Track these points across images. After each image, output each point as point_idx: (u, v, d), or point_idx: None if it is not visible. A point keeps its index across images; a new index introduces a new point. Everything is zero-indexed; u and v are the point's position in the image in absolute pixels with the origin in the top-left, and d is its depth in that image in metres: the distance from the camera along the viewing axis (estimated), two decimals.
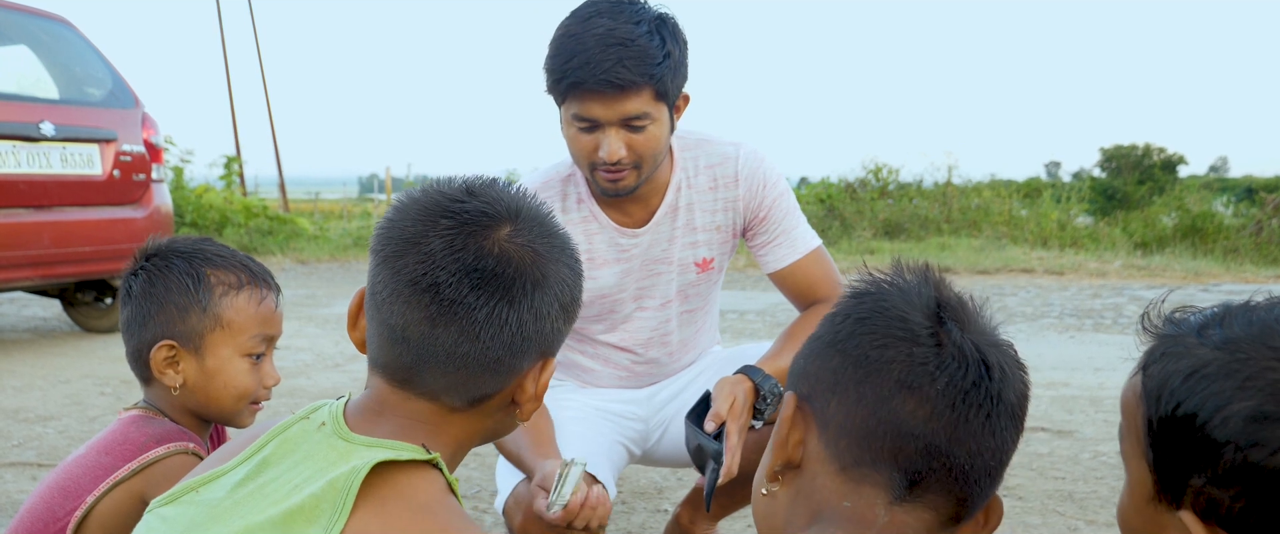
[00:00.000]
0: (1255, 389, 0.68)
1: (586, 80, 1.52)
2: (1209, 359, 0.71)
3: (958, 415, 0.76)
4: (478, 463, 2.90)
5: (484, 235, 0.86)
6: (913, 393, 0.77)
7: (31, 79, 4.92)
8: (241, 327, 1.32)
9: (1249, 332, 0.71)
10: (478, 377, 0.88)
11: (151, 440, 1.27)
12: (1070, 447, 2.99)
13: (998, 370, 0.78)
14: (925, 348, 0.77)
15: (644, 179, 1.65)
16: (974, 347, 0.78)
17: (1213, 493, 0.70)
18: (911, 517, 0.78)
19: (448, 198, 0.88)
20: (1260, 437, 0.68)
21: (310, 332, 5.22)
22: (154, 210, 5.09)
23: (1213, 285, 6.98)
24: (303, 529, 0.80)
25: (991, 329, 0.81)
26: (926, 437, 0.76)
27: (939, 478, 0.77)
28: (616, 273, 1.76)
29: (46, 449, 3.08)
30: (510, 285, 0.85)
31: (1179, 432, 0.71)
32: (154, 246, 1.36)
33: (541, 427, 1.66)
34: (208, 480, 0.90)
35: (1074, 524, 2.34)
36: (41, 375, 4.21)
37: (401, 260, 0.86)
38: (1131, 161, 29.65)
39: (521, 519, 1.63)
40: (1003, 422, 0.78)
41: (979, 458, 0.77)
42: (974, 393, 0.76)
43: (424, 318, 0.85)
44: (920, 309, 0.79)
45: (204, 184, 11.64)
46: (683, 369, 1.93)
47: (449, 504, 0.85)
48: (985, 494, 0.80)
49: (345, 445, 0.86)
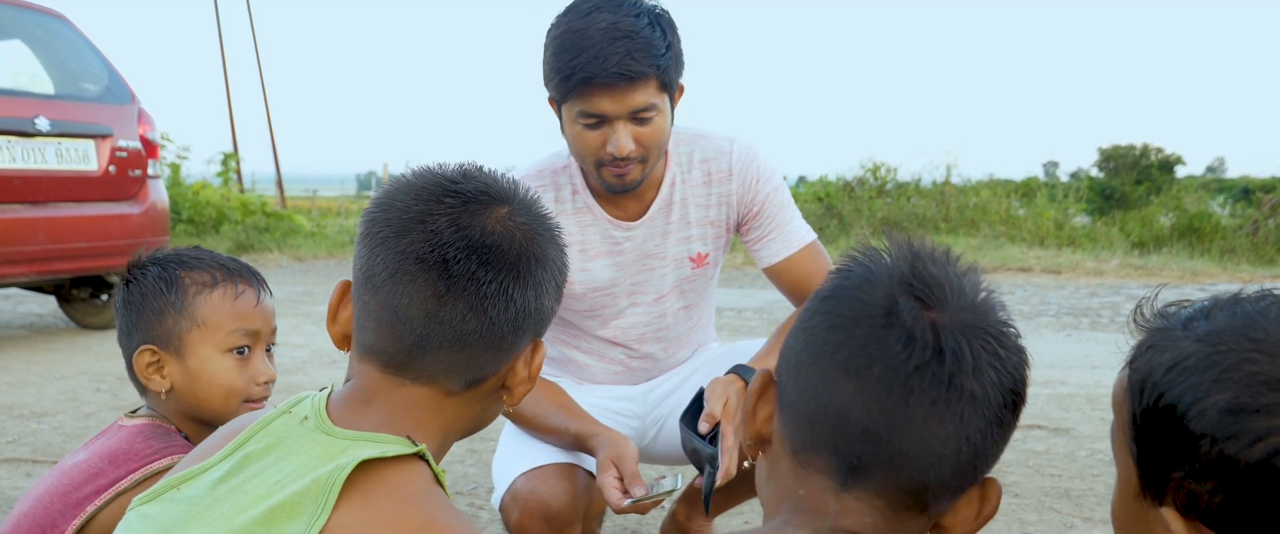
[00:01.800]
0: (1232, 381, 0.68)
1: (598, 74, 1.52)
2: (1191, 351, 0.70)
3: (897, 400, 0.72)
4: (475, 460, 2.90)
5: (486, 213, 0.87)
6: (853, 377, 0.74)
7: (27, 74, 4.91)
8: (217, 323, 1.32)
9: (1232, 324, 0.70)
10: (480, 355, 0.88)
11: (157, 453, 1.27)
12: (1067, 444, 2.99)
13: (954, 355, 0.72)
14: (869, 329, 0.74)
15: (648, 172, 1.65)
16: (929, 328, 0.73)
17: (1192, 487, 0.69)
18: (861, 503, 0.75)
19: (447, 179, 0.89)
20: (1235, 430, 0.67)
21: (308, 328, 5.21)
22: (150, 206, 5.07)
23: (1209, 285, 6.99)
24: (285, 525, 0.79)
25: (976, 311, 0.75)
26: (863, 422, 0.73)
27: (880, 465, 0.74)
28: (610, 267, 1.76)
29: (41, 445, 3.07)
30: (516, 262, 0.87)
31: (1160, 424, 0.71)
32: (136, 259, 1.37)
33: (566, 399, 1.70)
34: (189, 477, 0.89)
35: (1070, 521, 2.34)
36: (37, 372, 4.20)
37: (405, 239, 0.86)
38: (1129, 162, 29.68)
39: (519, 515, 1.63)
40: (961, 409, 0.72)
41: (928, 446, 0.73)
42: (917, 378, 0.72)
43: (432, 295, 0.85)
44: (881, 288, 0.75)
45: (201, 180, 11.61)
46: (678, 365, 1.93)
47: (435, 495, 0.84)
48: (952, 483, 0.75)
49: (328, 440, 0.85)
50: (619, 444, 1.55)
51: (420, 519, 0.80)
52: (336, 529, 0.79)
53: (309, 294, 6.84)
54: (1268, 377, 0.67)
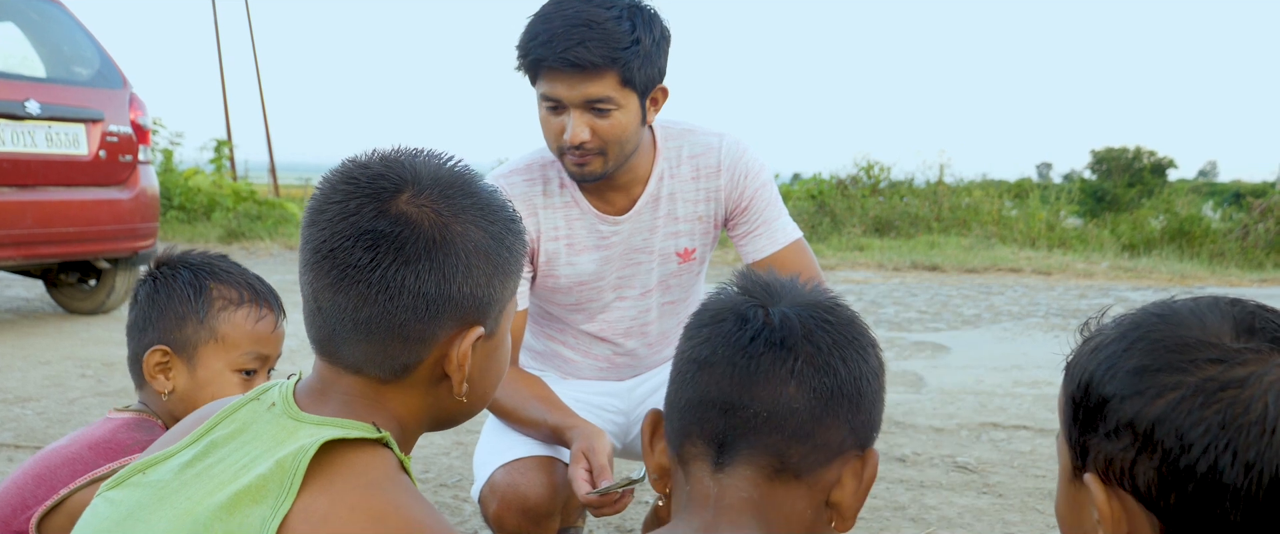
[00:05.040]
0: (1140, 349, 0.73)
1: (547, 57, 1.53)
2: (1110, 333, 0.76)
3: (741, 371, 0.82)
4: (460, 452, 2.90)
5: (382, 200, 0.86)
6: (705, 367, 0.84)
7: (18, 57, 4.87)
8: (236, 342, 1.34)
9: (1145, 310, 0.77)
10: (389, 344, 0.87)
11: (137, 446, 1.27)
12: (1051, 445, 3.00)
13: (783, 322, 0.83)
14: (713, 326, 0.85)
15: (612, 167, 1.64)
16: (761, 310, 0.84)
17: (1107, 450, 0.73)
18: (736, 478, 0.83)
19: (356, 166, 0.89)
20: (1141, 386, 0.71)
21: (297, 318, 5.19)
22: (140, 192, 5.05)
23: (1197, 287, 7.01)
24: (249, 510, 0.79)
25: (805, 297, 0.86)
26: (718, 398, 0.83)
27: (742, 434, 0.83)
28: (596, 260, 1.76)
29: (25, 431, 3.06)
30: (402, 246, 0.85)
31: (1083, 398, 0.76)
32: (168, 256, 1.38)
33: (547, 392, 1.70)
34: (155, 462, 0.89)
35: (1053, 522, 2.34)
36: (21, 356, 4.18)
37: (309, 230, 0.88)
38: (1122, 164, 29.79)
39: (496, 507, 1.62)
40: (799, 367, 0.82)
41: (779, 404, 0.82)
42: (753, 345, 0.82)
43: (326, 285, 0.87)
44: (724, 300, 0.87)
45: (193, 167, 11.56)
46: (663, 362, 1.92)
47: (399, 481, 0.84)
48: (816, 444, 0.83)
49: (294, 424, 0.86)
50: (592, 436, 1.55)
51: (383, 504, 0.80)
52: (300, 514, 0.79)
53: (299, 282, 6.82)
54: (1170, 341, 0.72)
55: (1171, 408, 0.70)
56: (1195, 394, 0.69)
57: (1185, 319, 0.73)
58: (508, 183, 1.72)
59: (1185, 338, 0.72)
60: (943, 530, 2.31)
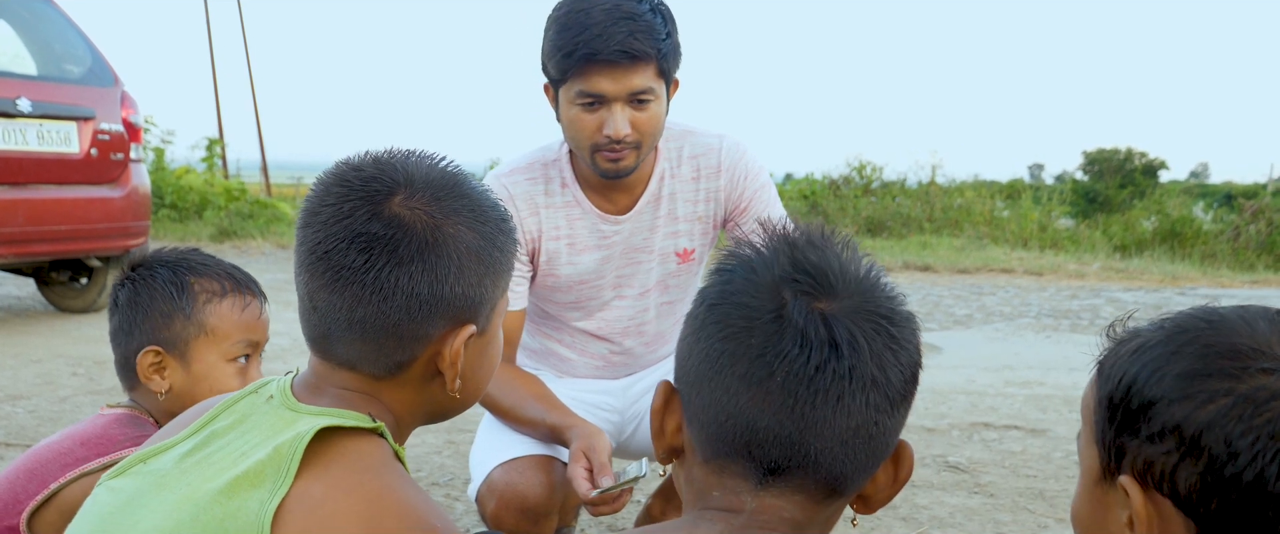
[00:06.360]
0: (1188, 353, 0.72)
1: (601, 51, 1.53)
2: (1153, 337, 0.75)
3: (803, 404, 0.73)
4: (453, 451, 2.90)
5: (375, 202, 0.87)
6: (756, 387, 0.74)
7: (9, 54, 4.85)
8: (226, 332, 1.34)
9: (1189, 314, 0.76)
10: (383, 343, 0.89)
11: (129, 441, 1.28)
12: (1043, 445, 3.01)
13: (851, 346, 0.74)
14: (763, 337, 0.74)
15: (640, 160, 1.65)
16: (821, 322, 0.74)
17: (1148, 452, 0.72)
18: (781, 499, 0.77)
19: (350, 168, 0.90)
20: (1189, 391, 0.71)
21: (288, 317, 5.18)
22: (132, 190, 5.03)
23: (1189, 289, 7.04)
24: (247, 494, 0.81)
25: (864, 292, 0.77)
26: (775, 429, 0.74)
27: (797, 465, 0.75)
28: (597, 259, 1.76)
29: (15, 429, 3.05)
30: (396, 247, 0.86)
31: (1123, 399, 0.74)
32: (140, 257, 1.38)
33: (545, 391, 1.70)
34: (156, 452, 0.91)
35: (1043, 522, 2.35)
36: (12, 354, 4.16)
37: (304, 231, 0.89)
38: (1114, 165, 29.88)
39: (494, 506, 1.63)
40: (865, 397, 0.74)
41: (839, 439, 0.74)
42: (819, 377, 0.73)
43: (321, 286, 0.88)
44: (767, 287, 0.76)
45: (184, 166, 11.52)
46: (659, 362, 1.93)
47: (394, 468, 0.86)
48: (864, 466, 0.77)
49: (291, 415, 0.88)
50: (591, 435, 1.55)
51: (378, 488, 0.82)
52: (297, 498, 0.81)
53: (291, 282, 6.80)
54: (1221, 347, 0.71)
55: (1221, 415, 0.69)
56: (1245, 402, 0.69)
57: (1235, 326, 0.73)
58: (510, 182, 1.72)
59: (1236, 345, 0.71)
60: (934, 530, 2.31)
